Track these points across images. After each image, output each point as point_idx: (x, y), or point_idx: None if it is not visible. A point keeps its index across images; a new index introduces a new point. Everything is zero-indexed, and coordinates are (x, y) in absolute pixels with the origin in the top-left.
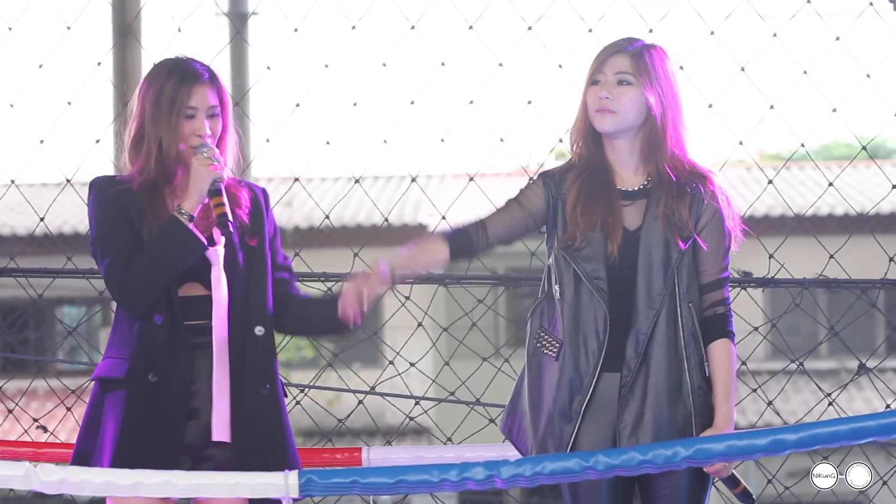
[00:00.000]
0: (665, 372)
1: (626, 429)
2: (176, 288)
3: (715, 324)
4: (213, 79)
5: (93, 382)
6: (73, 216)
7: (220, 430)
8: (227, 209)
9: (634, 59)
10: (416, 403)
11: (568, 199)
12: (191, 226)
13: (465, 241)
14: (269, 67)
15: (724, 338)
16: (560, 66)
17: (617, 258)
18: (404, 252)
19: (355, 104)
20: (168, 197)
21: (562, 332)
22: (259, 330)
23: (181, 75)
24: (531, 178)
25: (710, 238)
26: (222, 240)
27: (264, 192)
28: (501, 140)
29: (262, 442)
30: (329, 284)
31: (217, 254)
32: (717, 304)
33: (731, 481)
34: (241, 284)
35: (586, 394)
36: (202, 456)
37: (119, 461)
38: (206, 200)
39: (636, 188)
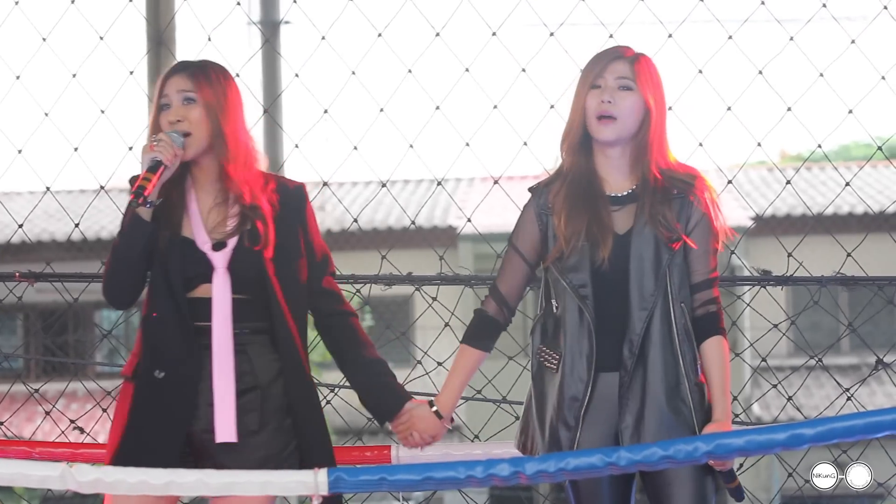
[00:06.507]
0: (661, 371)
1: (627, 429)
2: (184, 290)
3: (707, 322)
4: (193, 68)
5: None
6: (110, 221)
7: (223, 431)
8: (153, 186)
9: (633, 65)
10: None
11: (554, 210)
12: (142, 209)
13: (494, 332)
14: (297, 75)
15: (717, 335)
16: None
17: (608, 263)
18: (450, 387)
19: (382, 110)
20: (177, 193)
21: (562, 344)
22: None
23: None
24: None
25: (700, 239)
26: (231, 243)
27: (299, 188)
28: (525, 144)
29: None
30: (357, 286)
31: (223, 257)
32: (708, 302)
33: (729, 475)
34: (258, 288)
35: (583, 401)
36: (206, 454)
37: (121, 454)
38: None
39: (625, 193)
